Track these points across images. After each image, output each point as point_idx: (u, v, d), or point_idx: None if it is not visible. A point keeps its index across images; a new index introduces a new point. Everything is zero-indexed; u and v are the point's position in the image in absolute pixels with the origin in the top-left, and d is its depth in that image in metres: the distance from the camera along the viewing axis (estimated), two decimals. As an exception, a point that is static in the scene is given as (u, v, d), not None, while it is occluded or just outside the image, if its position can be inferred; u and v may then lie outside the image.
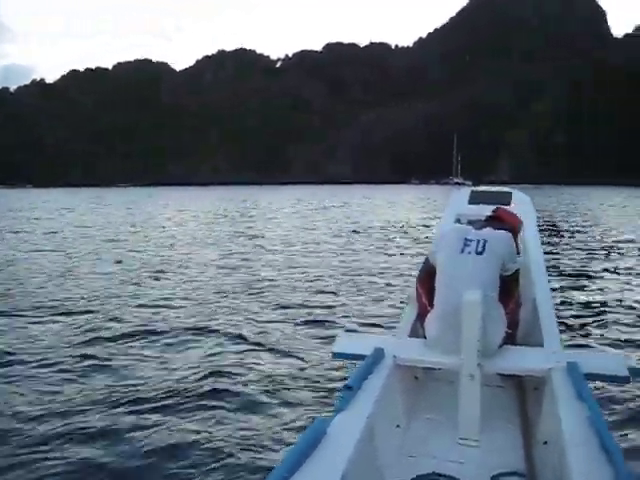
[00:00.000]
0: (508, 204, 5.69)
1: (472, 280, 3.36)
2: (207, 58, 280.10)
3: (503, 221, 4.25)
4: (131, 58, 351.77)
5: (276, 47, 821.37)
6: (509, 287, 3.68)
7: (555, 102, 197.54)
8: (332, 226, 24.06)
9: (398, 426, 3.27)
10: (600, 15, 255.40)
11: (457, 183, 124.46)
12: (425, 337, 3.61)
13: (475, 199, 5.79)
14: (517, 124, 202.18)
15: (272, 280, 11.25)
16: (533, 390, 3.61)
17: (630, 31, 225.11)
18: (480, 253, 3.51)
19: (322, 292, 9.88)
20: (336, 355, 3.72)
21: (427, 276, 3.84)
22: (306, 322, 7.81)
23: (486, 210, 4.73)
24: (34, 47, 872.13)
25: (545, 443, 2.93)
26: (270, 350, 6.56)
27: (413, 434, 3.25)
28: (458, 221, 5.04)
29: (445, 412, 3.40)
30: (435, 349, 3.44)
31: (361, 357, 3.35)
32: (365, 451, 2.58)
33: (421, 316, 3.82)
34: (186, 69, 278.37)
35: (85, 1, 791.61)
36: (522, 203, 5.86)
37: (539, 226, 6.00)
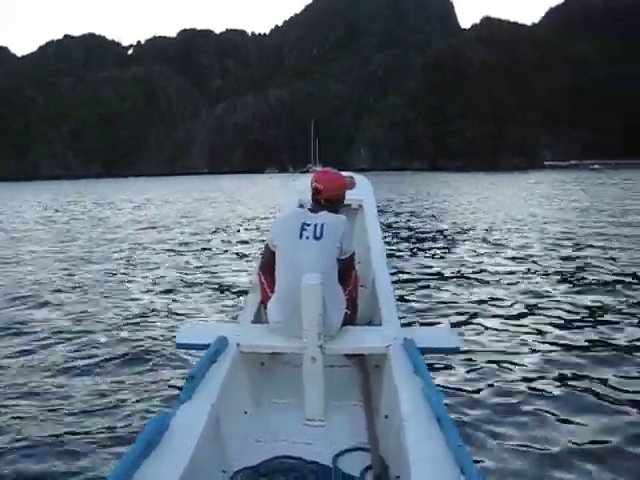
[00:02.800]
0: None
1: (311, 264, 3.39)
2: (52, 43, 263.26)
3: (328, 198, 3.95)
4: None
5: (127, 33, 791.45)
6: (347, 269, 3.79)
7: (410, 91, 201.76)
8: (177, 221, 22.82)
9: (245, 413, 3.30)
10: (450, 9, 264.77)
11: (315, 171, 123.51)
12: (268, 323, 3.65)
13: None
14: (375, 112, 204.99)
15: (109, 276, 10.82)
16: (375, 367, 3.68)
17: (477, 22, 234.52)
18: (318, 238, 3.54)
19: (164, 287, 9.55)
20: (179, 346, 3.76)
21: (268, 262, 3.79)
22: (149, 316, 7.56)
23: None
24: None
25: (386, 417, 3.04)
26: (109, 348, 6.21)
27: (260, 419, 3.28)
28: (301, 206, 4.80)
29: (292, 395, 3.43)
30: (278, 334, 3.49)
31: (205, 347, 3.30)
32: (211, 440, 2.61)
33: (264, 302, 3.86)
34: (28, 55, 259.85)
35: None
36: (362, 187, 5.97)
37: (380, 210, 6.44)
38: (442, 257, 12.02)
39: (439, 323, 6.76)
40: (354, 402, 3.40)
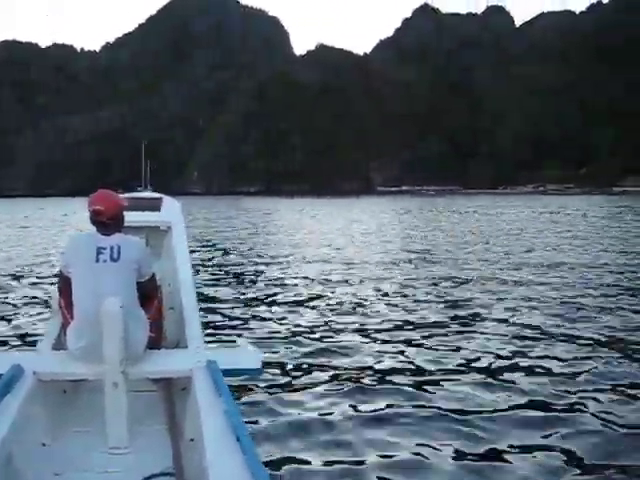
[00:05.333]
0: (158, 209, 6.09)
1: (111, 288, 3.35)
2: None
3: (111, 217, 3.78)
4: None
5: None
6: (149, 292, 3.81)
7: (243, 114, 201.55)
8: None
9: (43, 445, 3.14)
10: (284, 35, 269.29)
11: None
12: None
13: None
14: (208, 134, 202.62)
15: None
16: (181, 390, 3.64)
17: (312, 48, 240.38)
18: (115, 260, 3.50)
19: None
20: None
21: (66, 287, 3.67)
22: None
23: (135, 216, 4.74)
24: None
25: (192, 440, 3.04)
26: None
27: (60, 451, 3.12)
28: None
29: (95, 423, 3.32)
30: (78, 360, 3.39)
31: None
32: (3, 477, 2.51)
33: (65, 328, 3.73)
34: None
35: None
36: (172, 208, 6.11)
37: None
38: (250, 281, 12.28)
39: (243, 345, 6.76)
40: (160, 427, 3.32)
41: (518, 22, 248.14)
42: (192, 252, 17.13)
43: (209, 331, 7.19)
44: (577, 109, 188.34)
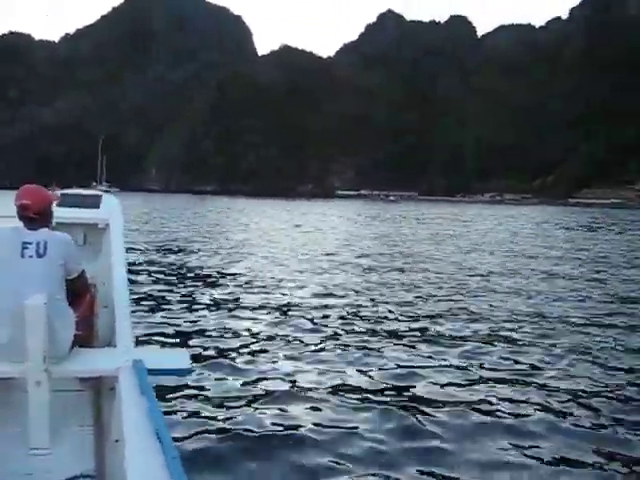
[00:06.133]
0: (97, 207, 6.00)
1: (35, 284, 3.27)
2: None
3: (38, 211, 3.62)
4: None
5: None
6: (78, 289, 3.73)
7: (202, 112, 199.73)
8: None
9: None
10: (247, 35, 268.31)
11: (103, 191, 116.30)
12: None
13: (65, 202, 5.55)
14: (167, 131, 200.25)
15: None
16: (109, 390, 3.58)
17: (276, 48, 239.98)
18: (41, 256, 3.40)
19: None
20: None
21: None
22: None
23: (74, 213, 4.91)
24: None
25: (117, 441, 2.98)
26: None
27: None
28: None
29: (16, 423, 3.24)
30: (1, 358, 3.28)
31: None
32: None
33: None
34: None
35: None
36: (110, 206, 6.06)
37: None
38: (189, 283, 11.97)
39: (174, 345, 6.72)
40: (85, 427, 3.30)
41: (480, 33, 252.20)
42: (145, 250, 17.06)
43: (143, 331, 7.12)
44: (530, 121, 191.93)
